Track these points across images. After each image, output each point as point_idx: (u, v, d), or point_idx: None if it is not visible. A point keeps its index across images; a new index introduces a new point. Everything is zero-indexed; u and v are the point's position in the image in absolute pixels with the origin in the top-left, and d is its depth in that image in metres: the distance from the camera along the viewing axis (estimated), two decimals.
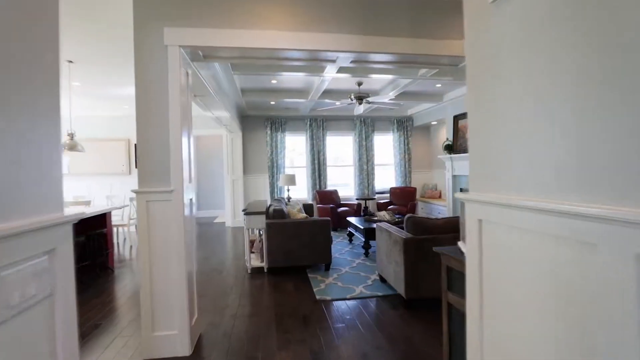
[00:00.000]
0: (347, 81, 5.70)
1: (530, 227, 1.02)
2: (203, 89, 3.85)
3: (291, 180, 7.08)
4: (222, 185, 9.63)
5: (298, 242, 4.21)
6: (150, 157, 2.32)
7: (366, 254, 5.04)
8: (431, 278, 3.08)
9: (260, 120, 8.25)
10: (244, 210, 4.49)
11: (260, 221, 4.25)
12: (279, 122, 8.18)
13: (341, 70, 4.73)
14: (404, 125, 8.83)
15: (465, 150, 6.60)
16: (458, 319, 1.72)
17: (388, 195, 8.64)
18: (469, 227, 1.34)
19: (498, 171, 1.21)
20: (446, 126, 7.43)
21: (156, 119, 2.32)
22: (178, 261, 2.34)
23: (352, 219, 5.79)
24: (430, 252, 3.09)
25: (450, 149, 6.98)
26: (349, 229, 5.98)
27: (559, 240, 0.92)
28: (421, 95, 6.95)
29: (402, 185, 8.76)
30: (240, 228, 7.56)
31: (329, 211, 7.10)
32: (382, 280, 3.85)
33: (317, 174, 8.35)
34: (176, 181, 2.34)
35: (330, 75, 4.86)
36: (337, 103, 5.98)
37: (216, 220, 8.86)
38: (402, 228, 4.07)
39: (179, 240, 2.34)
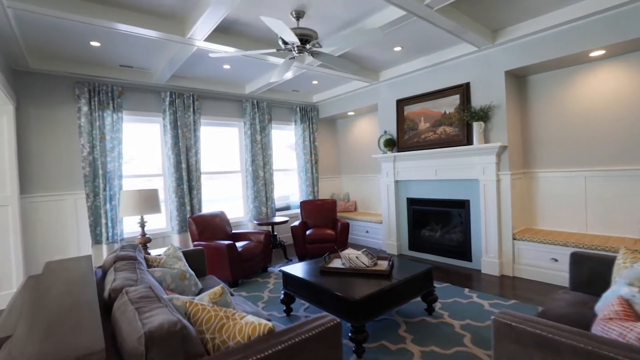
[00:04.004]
0: (275, 5, 2.89)
1: None
2: None
3: (151, 202, 3.49)
4: None
5: None
6: None
7: (359, 354, 2.37)
8: None
9: (63, 84, 4.17)
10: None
11: None
12: (106, 92, 4.33)
13: None
14: (308, 116, 6.48)
15: (417, 147, 4.82)
16: None
17: (298, 212, 6.09)
18: None
19: None
20: (378, 115, 5.53)
21: None
22: None
23: (293, 272, 2.96)
24: None
25: (393, 144, 5.10)
26: (284, 290, 3.12)
27: None
28: (358, 67, 4.78)
29: (312, 198, 6.38)
30: None
31: (224, 253, 3.94)
32: None
33: (186, 187, 4.93)
34: None
35: None
36: (275, 53, 3.13)
37: None
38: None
39: None
